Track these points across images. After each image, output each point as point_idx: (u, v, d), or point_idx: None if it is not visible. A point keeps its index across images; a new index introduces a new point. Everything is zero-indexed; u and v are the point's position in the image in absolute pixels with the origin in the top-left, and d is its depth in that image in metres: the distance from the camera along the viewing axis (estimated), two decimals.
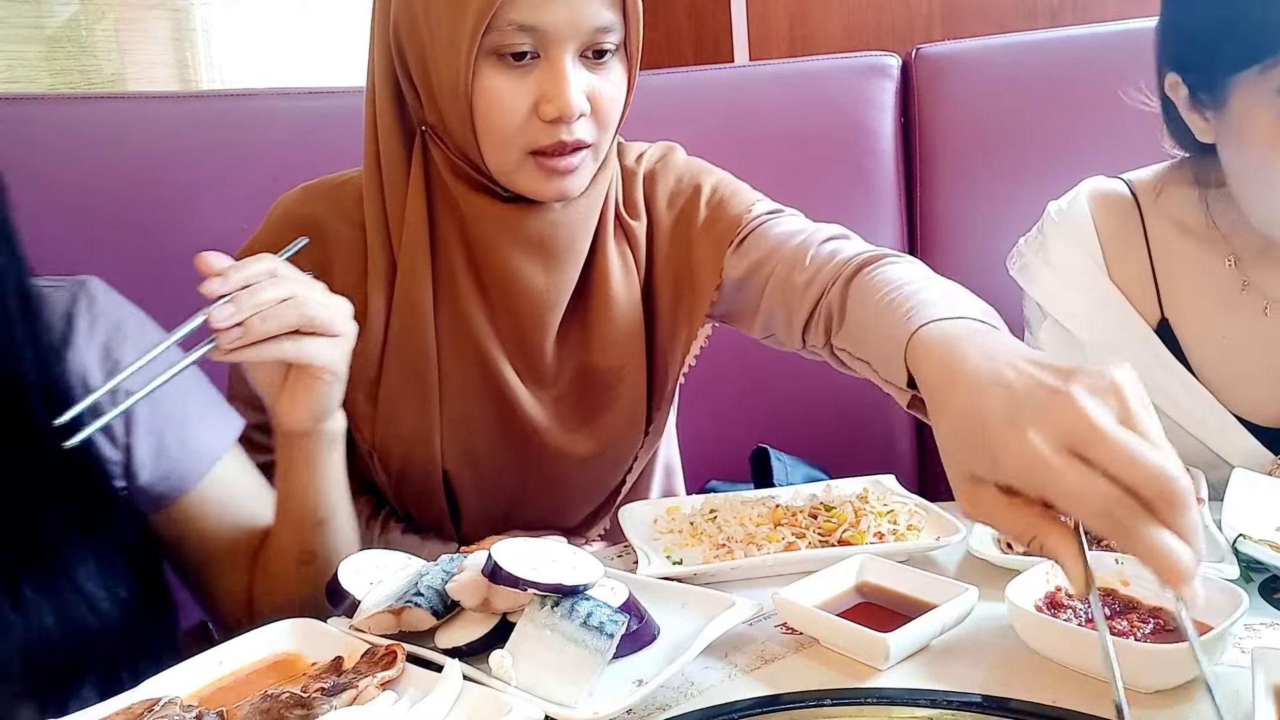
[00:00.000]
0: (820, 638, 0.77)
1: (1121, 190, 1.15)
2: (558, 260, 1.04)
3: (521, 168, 0.97)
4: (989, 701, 0.68)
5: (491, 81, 0.93)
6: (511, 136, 0.95)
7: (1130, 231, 1.12)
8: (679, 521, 0.99)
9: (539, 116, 0.94)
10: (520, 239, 1.02)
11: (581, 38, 0.93)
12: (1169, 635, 0.71)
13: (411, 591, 0.77)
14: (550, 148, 0.95)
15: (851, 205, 1.59)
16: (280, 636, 0.77)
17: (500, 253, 1.02)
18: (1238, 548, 0.81)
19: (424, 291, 1.03)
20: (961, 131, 1.59)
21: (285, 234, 1.05)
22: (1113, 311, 1.11)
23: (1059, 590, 0.76)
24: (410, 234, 1.03)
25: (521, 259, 1.02)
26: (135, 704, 0.68)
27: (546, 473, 1.10)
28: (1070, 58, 1.59)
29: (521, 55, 0.93)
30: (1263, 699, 0.61)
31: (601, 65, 0.96)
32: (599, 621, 0.71)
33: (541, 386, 1.08)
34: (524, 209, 1.01)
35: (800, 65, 1.74)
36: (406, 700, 0.69)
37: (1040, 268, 1.15)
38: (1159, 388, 1.07)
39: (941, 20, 2.26)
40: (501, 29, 0.91)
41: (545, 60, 0.93)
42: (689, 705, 0.71)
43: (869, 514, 0.95)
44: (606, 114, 0.97)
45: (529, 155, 0.96)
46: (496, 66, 0.93)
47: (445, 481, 1.08)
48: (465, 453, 1.08)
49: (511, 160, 0.96)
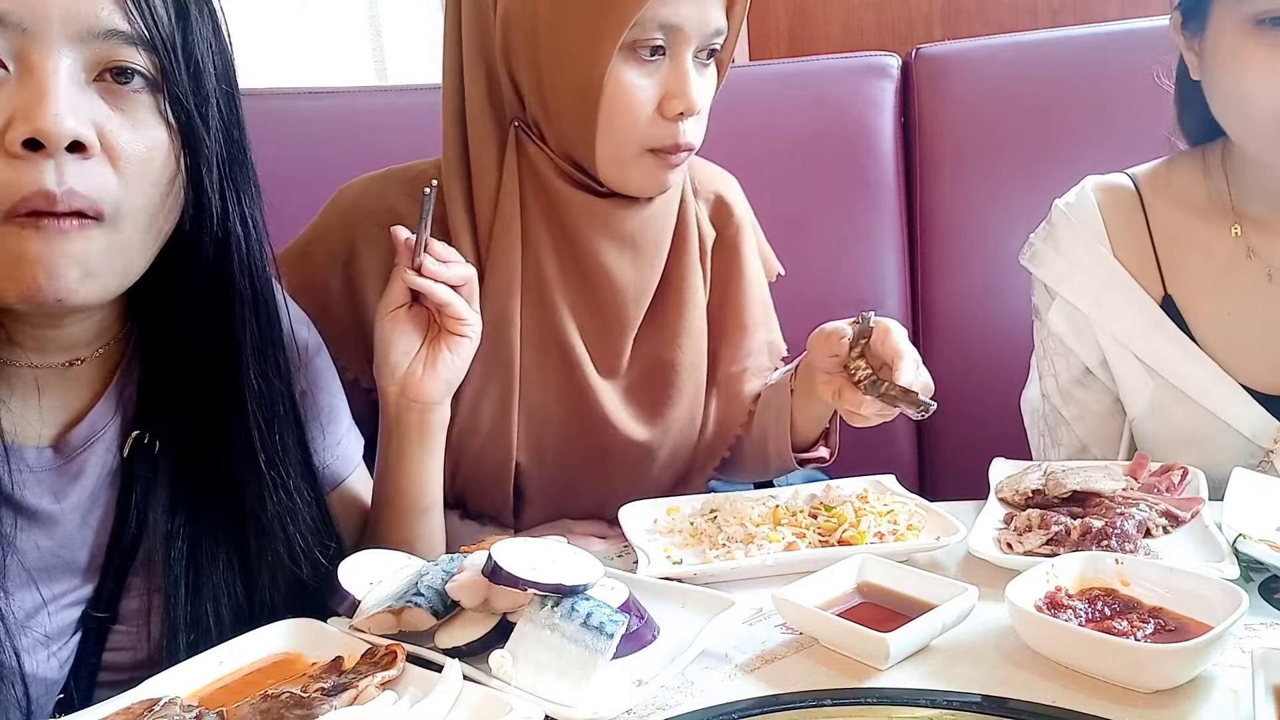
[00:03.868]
0: (820, 638, 0.77)
1: (1123, 181, 1.20)
2: (647, 255, 1.08)
3: (636, 163, 1.00)
4: (989, 701, 0.68)
5: (626, 77, 0.97)
6: (635, 131, 0.98)
7: (1132, 216, 1.17)
8: (679, 521, 0.99)
9: (662, 114, 0.98)
10: (615, 233, 1.05)
11: (703, 38, 0.98)
12: (1169, 635, 0.71)
13: (411, 591, 0.77)
14: (667, 145, 0.99)
15: (851, 205, 1.60)
16: (280, 636, 0.77)
17: (593, 246, 1.05)
18: (1238, 548, 0.81)
19: (514, 287, 1.05)
20: (961, 131, 1.59)
21: (355, 222, 1.06)
22: (1119, 289, 1.14)
23: (1059, 590, 0.76)
24: (502, 229, 1.04)
25: (614, 253, 1.06)
26: (135, 704, 0.68)
27: (610, 462, 1.11)
28: (1070, 58, 1.59)
29: (654, 51, 0.96)
30: (1263, 699, 0.61)
31: (707, 66, 1.01)
32: (599, 621, 0.71)
33: (615, 377, 1.10)
34: (620, 204, 1.05)
35: (800, 65, 1.74)
36: (406, 700, 0.69)
37: (1050, 254, 1.20)
38: (1166, 359, 1.11)
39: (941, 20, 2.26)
40: (644, 24, 0.94)
41: (672, 58, 0.97)
42: (689, 705, 0.71)
43: (869, 514, 0.95)
44: (704, 113, 1.03)
45: (646, 151, 1.00)
46: (630, 61, 0.97)
47: (516, 469, 1.09)
48: (537, 443, 1.09)
49: (627, 155, 1.00)
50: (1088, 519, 0.88)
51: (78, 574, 0.80)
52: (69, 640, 0.80)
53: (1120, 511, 0.88)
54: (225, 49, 0.79)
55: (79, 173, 0.68)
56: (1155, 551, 0.86)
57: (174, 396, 0.82)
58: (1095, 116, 1.54)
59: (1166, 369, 1.11)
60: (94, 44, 0.69)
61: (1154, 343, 1.12)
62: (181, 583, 0.81)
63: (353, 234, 1.06)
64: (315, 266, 1.07)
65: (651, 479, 1.15)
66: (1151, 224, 1.15)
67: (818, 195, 1.59)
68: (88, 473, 0.80)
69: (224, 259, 0.80)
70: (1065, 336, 1.17)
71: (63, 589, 0.79)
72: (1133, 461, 1.02)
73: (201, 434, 0.82)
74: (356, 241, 1.06)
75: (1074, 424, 1.19)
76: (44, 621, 0.78)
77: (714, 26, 0.98)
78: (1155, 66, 1.18)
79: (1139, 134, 1.27)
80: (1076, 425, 1.19)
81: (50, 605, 0.78)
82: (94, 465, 0.80)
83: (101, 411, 0.80)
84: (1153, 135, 1.21)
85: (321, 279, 1.06)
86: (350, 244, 1.06)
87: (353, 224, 1.06)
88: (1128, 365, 1.13)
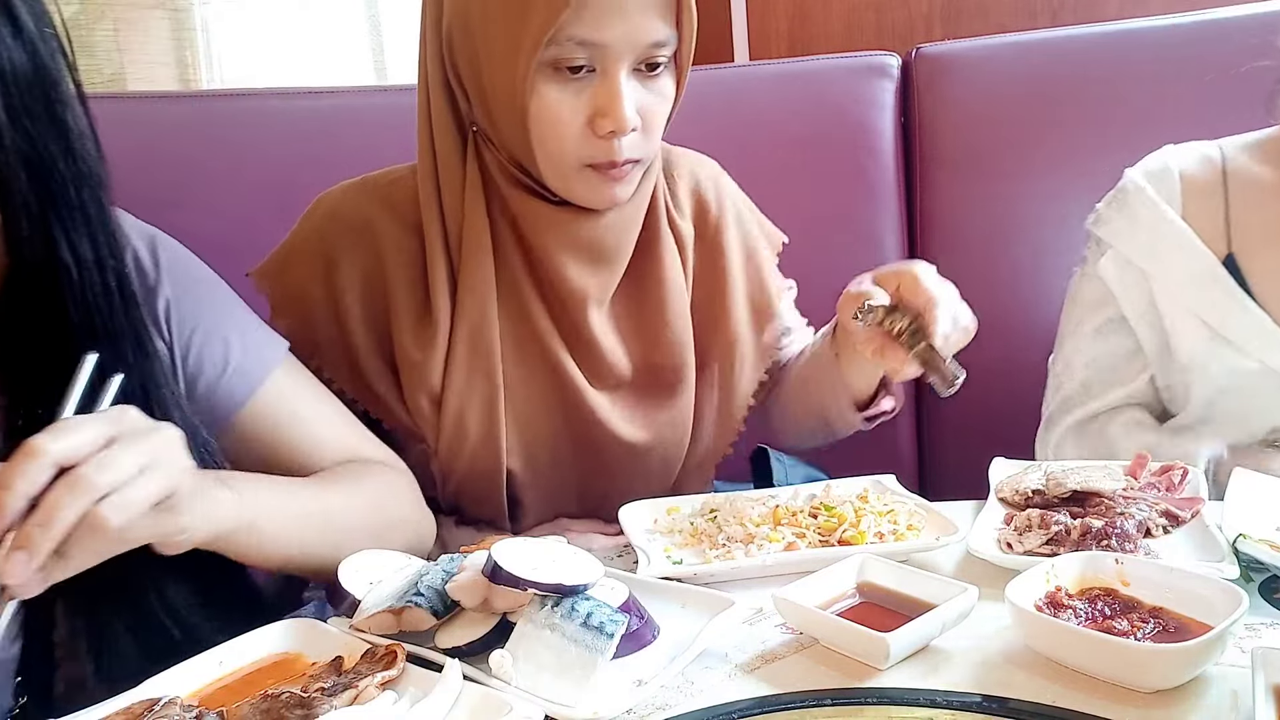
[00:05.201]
0: (820, 638, 0.77)
1: (1208, 149, 1.23)
2: (606, 262, 1.06)
3: (575, 177, 0.99)
4: (989, 701, 0.68)
5: (548, 95, 0.95)
6: (566, 149, 0.97)
7: (1211, 178, 1.21)
8: (679, 521, 0.99)
9: (593, 131, 0.95)
10: (571, 242, 1.04)
11: (637, 52, 0.95)
12: (1169, 635, 0.71)
13: (411, 591, 0.77)
14: (602, 162, 0.97)
15: (851, 205, 1.60)
16: (280, 636, 0.77)
17: (550, 253, 1.04)
18: (1238, 548, 0.81)
19: (489, 293, 1.04)
20: (961, 131, 1.59)
21: (333, 233, 1.06)
22: (1184, 246, 1.18)
23: (1059, 590, 0.76)
24: (471, 236, 1.03)
25: (571, 261, 1.04)
26: (135, 704, 0.68)
27: (604, 465, 1.11)
28: (1070, 58, 1.59)
29: (578, 69, 0.94)
30: (1262, 699, 0.61)
31: (653, 78, 0.98)
32: (599, 621, 0.71)
33: (601, 381, 1.09)
34: (575, 213, 1.03)
35: (800, 65, 1.74)
36: (406, 700, 0.69)
37: (1114, 216, 1.24)
38: (1225, 313, 1.15)
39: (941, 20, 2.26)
40: (561, 43, 0.92)
41: (601, 75, 0.95)
42: (689, 705, 0.71)
43: (869, 514, 0.94)
44: (654, 127, 1.00)
45: (584, 166, 0.98)
46: (553, 79, 0.95)
47: (508, 477, 1.09)
48: (527, 449, 1.08)
49: (565, 171, 0.98)
50: (1088, 519, 0.88)
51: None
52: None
53: (1120, 511, 0.88)
54: (32, 47, 0.68)
55: None
56: (1155, 551, 0.86)
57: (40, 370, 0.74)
58: (1095, 116, 1.54)
59: (1219, 320, 1.14)
60: None
61: (1210, 296, 1.16)
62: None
63: (331, 245, 1.05)
64: (296, 278, 1.06)
65: (650, 480, 1.14)
66: (1230, 189, 1.19)
67: (818, 195, 1.59)
68: None
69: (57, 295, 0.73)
70: (1111, 281, 1.21)
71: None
72: (1133, 461, 1.02)
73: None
74: (335, 252, 1.05)
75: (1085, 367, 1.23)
76: None
77: (649, 39, 0.94)
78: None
79: (1139, 133, 1.27)
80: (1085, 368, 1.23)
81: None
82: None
83: None
84: (1151, 135, 1.21)
85: (303, 290, 1.06)
86: (329, 255, 1.05)
87: (330, 235, 1.05)
88: (1178, 317, 1.17)
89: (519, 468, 1.09)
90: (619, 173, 0.98)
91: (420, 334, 1.04)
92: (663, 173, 1.12)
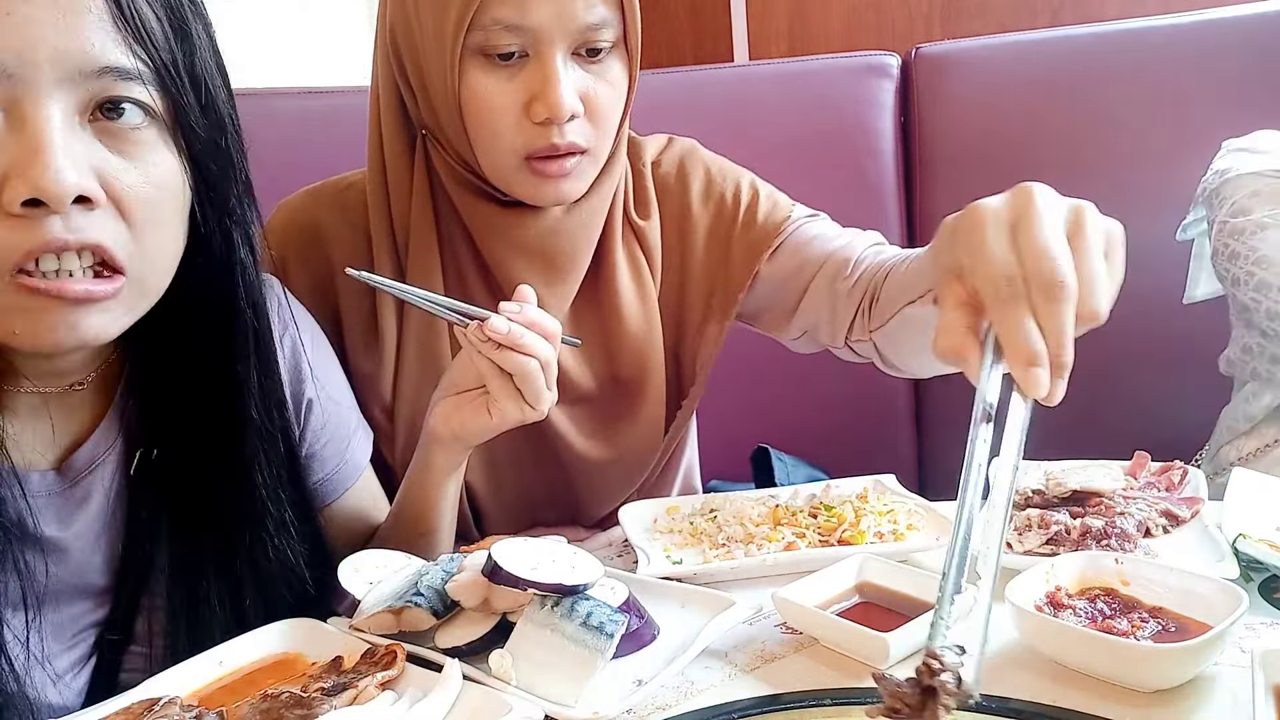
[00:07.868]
0: (820, 638, 0.77)
1: None
2: (558, 270, 1.02)
3: (516, 172, 0.95)
4: (989, 701, 0.68)
5: (479, 83, 0.91)
6: (502, 139, 0.93)
7: None
8: (679, 521, 0.99)
9: (529, 118, 0.91)
10: (519, 245, 1.00)
11: (572, 35, 0.90)
12: (1169, 635, 0.71)
13: (411, 591, 0.77)
14: (542, 150, 0.92)
15: (851, 204, 1.58)
16: (280, 636, 0.77)
17: (497, 257, 1.01)
18: (1238, 548, 0.81)
19: None
20: (961, 131, 1.59)
21: (288, 241, 1.04)
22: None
23: (1059, 590, 0.76)
24: (418, 241, 1.01)
25: (522, 266, 1.00)
26: (135, 704, 0.68)
27: (567, 477, 1.09)
28: (1070, 57, 1.60)
29: (509, 55, 0.91)
30: (1262, 699, 0.61)
31: (597, 63, 0.93)
32: (599, 621, 0.71)
33: (560, 393, 1.05)
34: (523, 214, 0.99)
35: (800, 65, 1.74)
36: (406, 700, 0.69)
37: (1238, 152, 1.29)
38: None
39: (941, 20, 2.26)
40: (486, 28, 0.89)
41: (535, 59, 0.91)
42: (689, 705, 0.71)
43: (869, 514, 0.94)
44: (603, 115, 0.95)
45: (524, 160, 0.93)
46: (483, 67, 0.91)
47: (467, 489, 1.06)
48: (486, 461, 1.06)
49: (505, 164, 0.95)
50: (1088, 519, 0.88)
51: (90, 598, 0.79)
52: (85, 666, 0.79)
53: (1120, 511, 0.88)
54: (223, 64, 0.74)
55: (89, 225, 0.64)
56: (1155, 551, 0.86)
57: (175, 414, 0.79)
58: (1095, 116, 1.54)
59: None
60: (87, 83, 0.63)
61: None
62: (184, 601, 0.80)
63: (284, 252, 1.03)
64: None
65: (626, 488, 1.11)
66: None
67: (818, 195, 1.58)
68: (94, 496, 0.78)
69: (229, 288, 0.77)
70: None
71: (77, 613, 0.78)
72: (1133, 461, 1.02)
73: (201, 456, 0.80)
74: (287, 260, 1.03)
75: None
76: (57, 650, 0.77)
77: (584, 21, 0.90)
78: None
79: (1139, 133, 1.27)
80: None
81: (66, 632, 0.77)
82: (99, 487, 0.78)
83: (105, 432, 0.79)
84: (1152, 134, 1.21)
85: None
86: (283, 262, 1.03)
87: (284, 242, 1.04)
88: None
89: (479, 481, 1.06)
90: (560, 167, 0.93)
91: (370, 344, 1.03)
92: (630, 169, 1.08)
